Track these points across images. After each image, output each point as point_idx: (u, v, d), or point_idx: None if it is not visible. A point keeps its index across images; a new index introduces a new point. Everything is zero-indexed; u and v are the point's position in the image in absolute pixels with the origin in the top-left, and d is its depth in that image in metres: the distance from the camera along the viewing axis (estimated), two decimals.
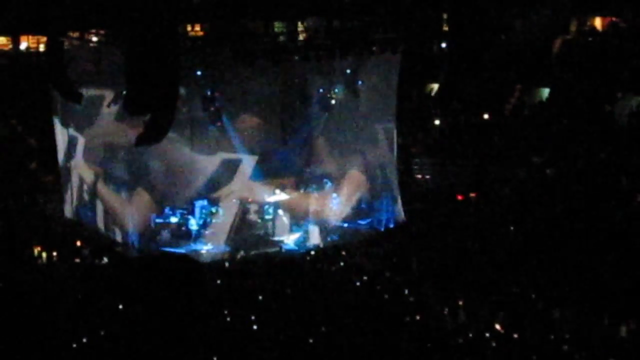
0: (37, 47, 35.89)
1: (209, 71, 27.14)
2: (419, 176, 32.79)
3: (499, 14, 33.39)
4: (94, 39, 28.72)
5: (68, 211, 29.89)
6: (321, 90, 29.08)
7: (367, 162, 29.90)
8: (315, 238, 28.39)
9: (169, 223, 27.87)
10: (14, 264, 23.39)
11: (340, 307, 19.83)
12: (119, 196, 28.10)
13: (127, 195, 27.77)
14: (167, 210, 27.90)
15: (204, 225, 27.95)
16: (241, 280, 22.65)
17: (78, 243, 26.34)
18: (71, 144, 29.41)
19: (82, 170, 29.25)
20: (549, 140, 31.73)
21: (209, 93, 27.41)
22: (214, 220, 28.04)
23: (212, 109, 27.63)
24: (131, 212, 27.53)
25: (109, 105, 27.78)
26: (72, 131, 29.29)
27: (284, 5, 31.10)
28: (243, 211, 28.40)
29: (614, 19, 35.55)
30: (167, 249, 26.85)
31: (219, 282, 21.99)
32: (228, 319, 18.86)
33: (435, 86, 34.97)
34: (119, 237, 27.88)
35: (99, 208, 28.70)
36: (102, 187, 28.63)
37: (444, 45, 34.29)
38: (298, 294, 21.10)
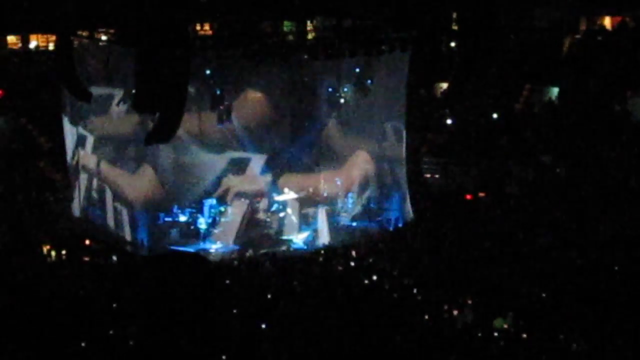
0: (47, 46, 35.98)
1: (218, 70, 27.14)
2: (428, 175, 32.73)
3: (508, 13, 33.34)
4: (104, 37, 28.75)
5: (77, 210, 29.93)
6: (330, 89, 29.05)
7: (376, 160, 29.90)
8: (324, 237, 28.38)
9: (178, 222, 27.89)
10: (23, 263, 23.43)
11: (349, 306, 19.81)
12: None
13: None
14: (175, 208, 27.90)
15: (213, 224, 27.95)
16: (250, 279, 22.65)
17: (87, 242, 26.38)
18: (80, 142, 29.47)
19: (91, 169, 29.31)
20: (559, 140, 31.68)
21: (218, 92, 27.38)
22: (222, 219, 28.05)
23: (221, 107, 27.61)
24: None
25: (118, 104, 27.85)
26: (81, 129, 29.34)
27: (293, 5, 31.09)
28: (252, 210, 28.41)
29: (623, 17, 35.48)
30: (176, 248, 26.84)
31: (227, 281, 21.98)
32: (237, 317, 18.86)
33: (445, 85, 34.91)
34: (128, 236, 27.91)
35: (109, 206, 28.72)
36: (110, 180, 28.69)
37: (453, 44, 34.24)
38: (307, 293, 21.10)
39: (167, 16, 22.72)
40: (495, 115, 34.35)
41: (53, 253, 24.99)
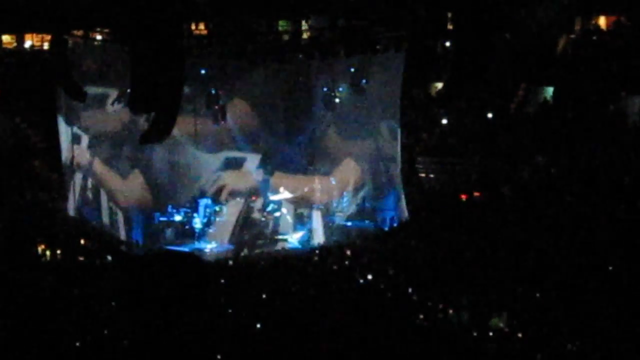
0: (42, 46, 35.91)
1: (213, 69, 27.14)
2: (423, 175, 32.74)
3: (503, 12, 33.31)
4: (98, 37, 28.72)
5: (71, 209, 29.90)
6: (325, 89, 29.06)
7: (371, 160, 29.91)
8: (319, 237, 28.41)
9: (173, 221, 27.89)
10: (18, 262, 23.40)
11: (344, 306, 19.80)
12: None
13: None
14: (170, 208, 27.91)
15: (208, 224, 27.97)
16: (245, 279, 22.64)
17: (82, 241, 26.35)
18: (75, 142, 29.44)
19: (85, 168, 29.28)
20: (553, 140, 31.68)
21: (213, 91, 27.40)
22: (217, 219, 28.07)
23: (216, 107, 27.61)
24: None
25: (113, 104, 27.84)
26: (76, 129, 29.34)
27: (288, 4, 31.06)
28: (247, 209, 28.44)
29: (618, 17, 35.48)
30: (171, 247, 26.82)
31: (222, 280, 21.97)
32: (231, 317, 18.84)
33: (440, 85, 34.90)
34: (123, 236, 27.89)
35: (104, 206, 28.71)
36: (105, 180, 28.65)
37: (448, 44, 34.23)
38: (302, 293, 21.09)
39: (162, 15, 22.69)
40: (490, 115, 34.35)
41: (48, 252, 24.96)
